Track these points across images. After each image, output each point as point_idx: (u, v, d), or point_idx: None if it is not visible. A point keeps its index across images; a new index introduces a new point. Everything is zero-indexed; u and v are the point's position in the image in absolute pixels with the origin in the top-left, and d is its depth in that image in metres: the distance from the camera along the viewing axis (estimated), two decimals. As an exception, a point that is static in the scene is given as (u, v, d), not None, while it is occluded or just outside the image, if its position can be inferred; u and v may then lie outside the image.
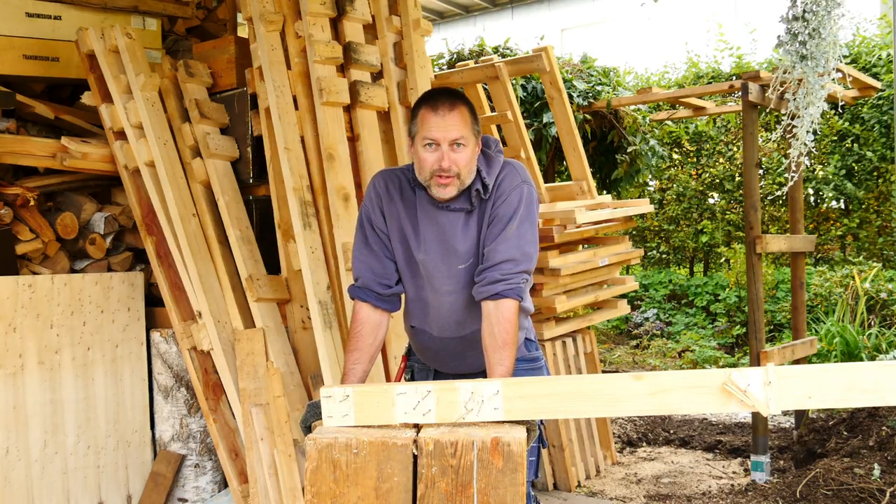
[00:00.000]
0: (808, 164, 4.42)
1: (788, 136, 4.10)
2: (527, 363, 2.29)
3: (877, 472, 3.52)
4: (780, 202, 8.45)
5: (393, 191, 2.20)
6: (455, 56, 6.14)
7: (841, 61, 3.88)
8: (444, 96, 2.07)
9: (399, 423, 1.82)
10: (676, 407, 1.80)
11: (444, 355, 2.27)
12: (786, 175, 4.27)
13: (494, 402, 1.81)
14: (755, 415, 4.27)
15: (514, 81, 5.62)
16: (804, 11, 3.63)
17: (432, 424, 1.84)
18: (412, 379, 2.40)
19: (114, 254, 3.80)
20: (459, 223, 2.13)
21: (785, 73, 3.92)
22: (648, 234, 9.70)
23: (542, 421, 2.29)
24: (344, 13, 3.43)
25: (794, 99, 3.96)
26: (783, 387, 1.73)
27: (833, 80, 3.91)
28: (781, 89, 3.98)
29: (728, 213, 8.91)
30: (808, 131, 3.97)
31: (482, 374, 2.27)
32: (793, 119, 4.07)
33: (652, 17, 8.82)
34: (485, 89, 5.18)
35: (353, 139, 3.39)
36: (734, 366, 6.81)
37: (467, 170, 2.08)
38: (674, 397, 1.78)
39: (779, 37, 3.82)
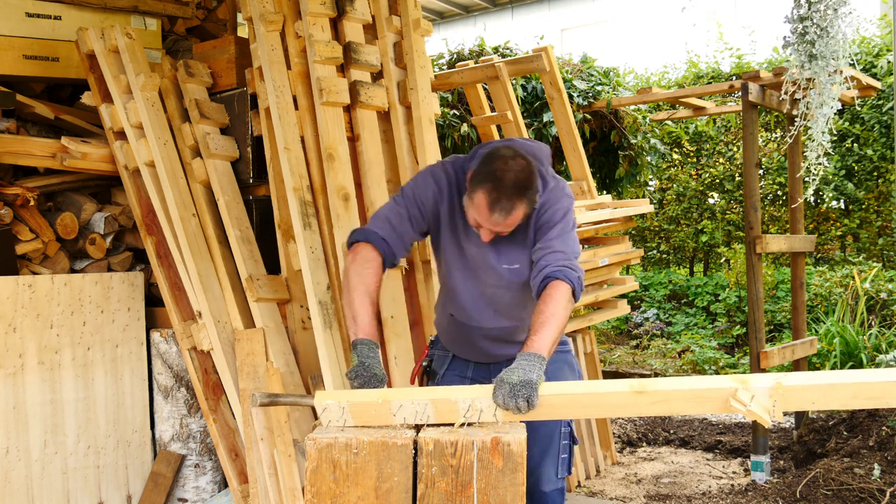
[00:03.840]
0: (827, 165, 4.41)
1: (804, 138, 4.09)
2: (559, 346, 2.37)
3: (877, 472, 3.51)
4: (781, 202, 8.45)
5: (453, 187, 2.30)
6: (455, 56, 6.14)
7: (853, 60, 3.87)
8: (505, 198, 2.05)
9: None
10: (676, 411, 1.82)
11: (476, 343, 2.38)
12: (805, 179, 4.24)
13: (491, 410, 1.81)
14: (755, 415, 4.27)
15: (514, 81, 5.62)
16: (812, 11, 3.62)
17: (432, 424, 1.84)
18: (430, 365, 2.52)
19: (114, 254, 3.80)
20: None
21: (793, 74, 3.90)
22: (648, 234, 9.70)
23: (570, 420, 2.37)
24: (344, 13, 3.43)
25: (806, 100, 3.94)
26: (787, 400, 1.73)
27: (845, 78, 3.89)
28: (792, 90, 3.97)
29: (728, 213, 8.91)
30: (823, 132, 3.96)
31: (507, 361, 2.32)
32: (804, 119, 4.07)
33: (697, 23, 8.84)
34: (485, 89, 5.18)
35: (353, 139, 3.39)
36: (734, 366, 6.81)
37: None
38: (675, 406, 1.80)
39: (785, 37, 3.81)
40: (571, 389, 1.88)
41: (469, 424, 1.81)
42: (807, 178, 4.25)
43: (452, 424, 1.82)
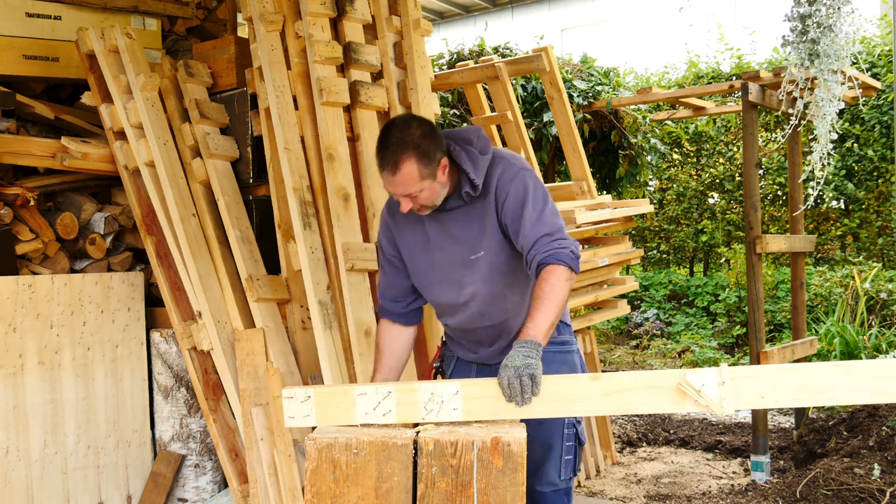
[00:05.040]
0: (833, 165, 4.41)
1: (810, 138, 4.09)
2: (556, 346, 2.36)
3: (877, 472, 3.51)
4: (781, 202, 8.45)
5: (398, 216, 2.35)
6: (455, 56, 6.14)
7: (855, 58, 3.87)
8: (389, 154, 2.10)
9: (359, 423, 1.87)
10: (633, 407, 1.83)
11: (480, 345, 2.40)
12: (814, 183, 4.24)
13: (454, 402, 1.84)
14: (755, 415, 4.27)
15: (514, 81, 5.62)
16: (814, 9, 3.61)
17: (432, 423, 1.84)
18: (441, 365, 2.56)
19: (114, 254, 3.80)
20: (461, 217, 2.25)
21: (792, 73, 3.89)
22: (648, 234, 9.70)
23: (578, 419, 2.38)
24: (344, 13, 3.43)
25: (806, 99, 3.93)
26: (737, 387, 1.74)
27: (848, 77, 3.89)
28: (790, 89, 3.96)
29: (728, 213, 8.91)
30: (829, 131, 3.96)
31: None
32: (802, 119, 4.06)
33: (695, 23, 8.85)
34: (485, 89, 5.17)
35: (353, 139, 3.39)
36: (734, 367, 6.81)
37: (433, 198, 2.19)
38: (630, 398, 1.81)
39: (784, 36, 3.80)
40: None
41: (463, 420, 1.81)
42: (813, 182, 4.24)
43: (452, 423, 1.82)
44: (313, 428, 1.90)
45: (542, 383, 1.82)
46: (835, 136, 4.02)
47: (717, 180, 8.88)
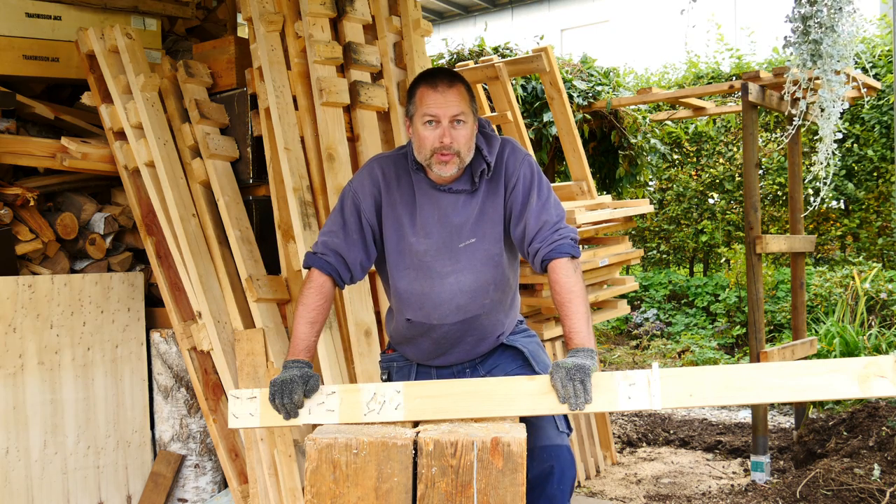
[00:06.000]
0: (837, 166, 4.41)
1: (815, 139, 4.09)
2: (524, 333, 2.36)
3: (877, 473, 3.51)
4: (781, 202, 8.45)
5: (391, 178, 2.21)
6: (455, 56, 6.14)
7: (858, 58, 3.87)
8: (442, 74, 2.11)
9: (302, 423, 1.91)
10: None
11: (445, 344, 2.21)
12: (821, 184, 4.24)
13: (396, 401, 1.85)
14: (755, 415, 4.27)
15: (514, 81, 5.62)
16: (816, 10, 3.60)
17: (432, 422, 1.85)
18: (389, 380, 2.34)
19: (114, 254, 3.80)
20: (460, 202, 2.16)
21: (794, 73, 3.89)
22: (648, 235, 9.69)
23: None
24: (344, 13, 3.43)
25: (808, 100, 3.93)
26: (665, 386, 1.81)
27: (850, 77, 3.89)
28: (793, 90, 3.96)
29: (728, 213, 8.91)
30: (833, 132, 3.96)
31: (470, 363, 2.27)
32: (804, 119, 4.06)
33: (696, 24, 8.86)
34: (485, 89, 5.17)
35: (353, 139, 3.39)
36: (734, 366, 6.79)
37: (467, 147, 2.11)
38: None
39: (786, 37, 3.79)
40: (470, 381, 1.94)
41: (460, 418, 1.81)
42: (819, 183, 4.24)
43: (451, 422, 1.82)
44: (314, 427, 1.90)
45: (483, 382, 1.85)
46: (840, 136, 4.02)
47: (717, 180, 8.88)
